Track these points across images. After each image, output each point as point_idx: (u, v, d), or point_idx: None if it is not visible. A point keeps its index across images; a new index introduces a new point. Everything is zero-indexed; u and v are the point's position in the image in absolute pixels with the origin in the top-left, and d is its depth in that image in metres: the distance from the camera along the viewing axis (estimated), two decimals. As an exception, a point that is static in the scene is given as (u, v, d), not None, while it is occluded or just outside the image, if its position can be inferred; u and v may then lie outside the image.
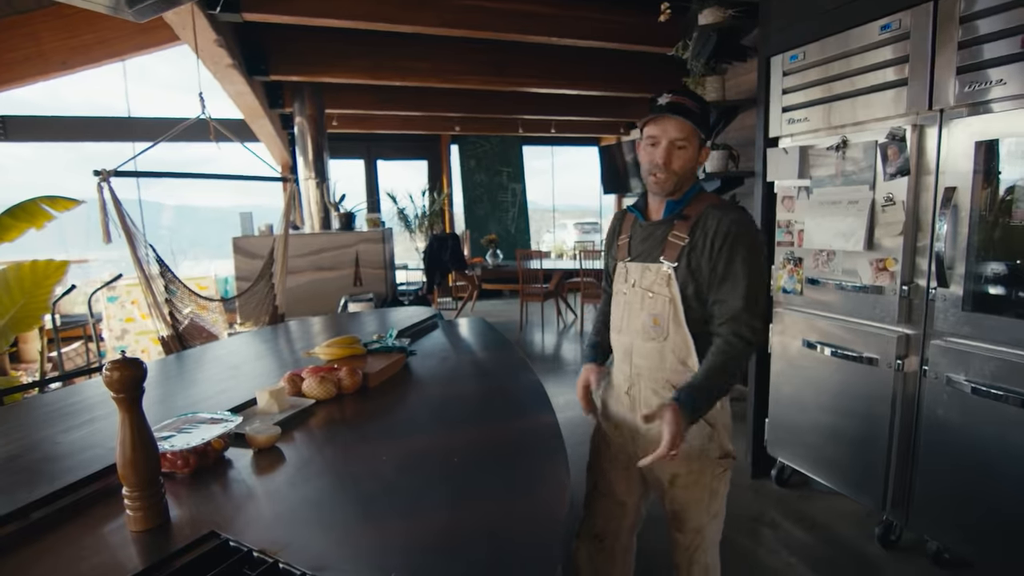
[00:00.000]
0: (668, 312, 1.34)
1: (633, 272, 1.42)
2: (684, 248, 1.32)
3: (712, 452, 1.38)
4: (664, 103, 1.29)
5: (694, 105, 1.29)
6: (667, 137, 1.29)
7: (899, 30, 1.95)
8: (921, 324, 1.99)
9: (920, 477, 2.03)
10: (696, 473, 1.39)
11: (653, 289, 1.37)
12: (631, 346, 1.43)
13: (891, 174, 2.02)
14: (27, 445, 1.30)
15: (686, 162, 1.31)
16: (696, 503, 1.41)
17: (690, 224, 1.33)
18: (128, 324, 5.96)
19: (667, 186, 1.33)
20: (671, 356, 1.36)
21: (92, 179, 2.29)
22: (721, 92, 3.10)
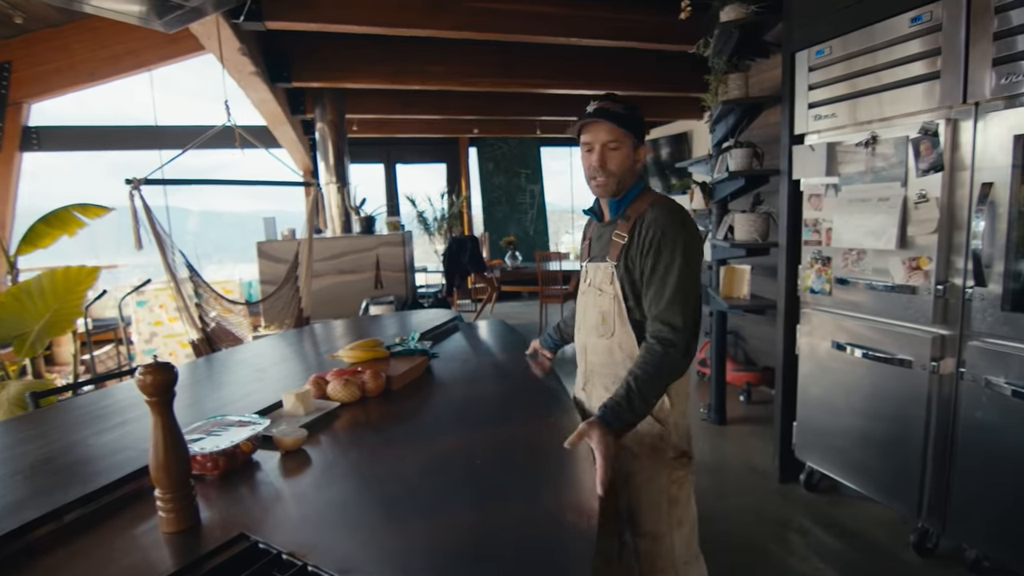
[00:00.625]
0: (613, 309, 1.41)
1: (589, 272, 1.50)
2: (623, 247, 1.39)
3: (666, 452, 1.40)
4: (592, 110, 1.36)
5: (621, 108, 1.36)
6: (599, 141, 1.37)
7: (930, 22, 1.90)
8: (957, 325, 1.93)
9: (958, 482, 1.96)
10: (649, 471, 1.40)
11: (602, 287, 1.44)
12: (586, 344, 1.52)
13: (924, 170, 1.96)
14: (62, 447, 1.33)
15: (621, 162, 1.38)
16: (652, 506, 1.41)
17: (630, 224, 1.39)
18: (156, 327, 6.10)
19: (608, 187, 1.40)
20: (619, 352, 1.42)
21: (121, 187, 2.35)
22: (744, 89, 3.05)
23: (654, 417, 1.38)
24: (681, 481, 1.42)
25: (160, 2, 0.94)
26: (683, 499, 1.43)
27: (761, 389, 4.04)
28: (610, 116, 1.34)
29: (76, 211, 3.66)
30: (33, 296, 2.74)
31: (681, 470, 1.42)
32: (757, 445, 3.19)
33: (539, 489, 1.11)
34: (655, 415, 1.38)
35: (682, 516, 1.43)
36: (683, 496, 1.43)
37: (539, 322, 6.54)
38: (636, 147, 1.40)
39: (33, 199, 6.00)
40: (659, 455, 1.40)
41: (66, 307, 2.83)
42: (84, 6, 1.00)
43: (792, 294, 2.65)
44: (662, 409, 1.38)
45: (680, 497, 1.42)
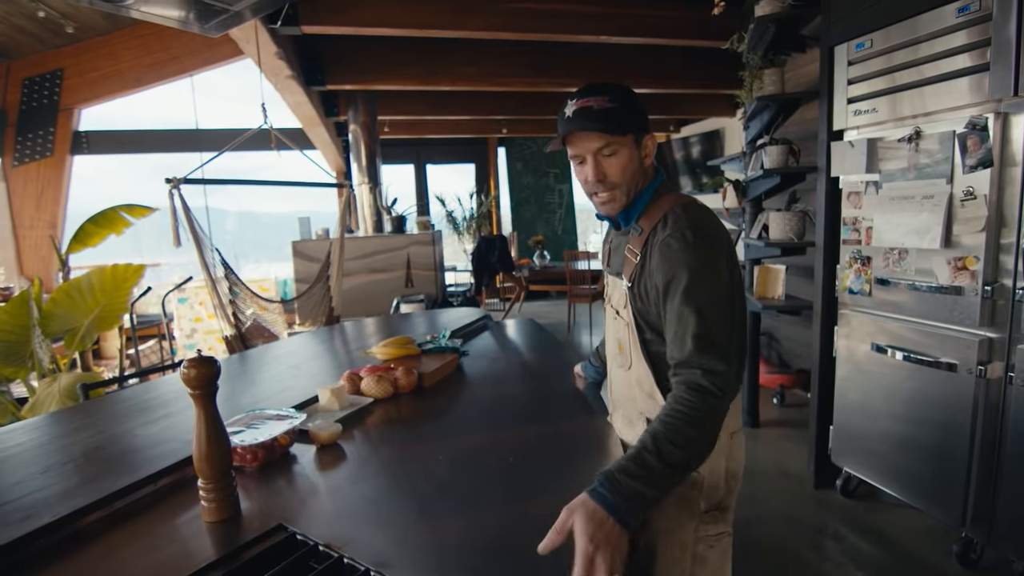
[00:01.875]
0: (628, 339, 1.16)
1: (609, 284, 1.27)
2: (636, 267, 1.12)
3: (696, 502, 1.11)
4: (570, 114, 1.07)
5: (604, 102, 1.05)
6: (589, 150, 1.09)
7: (979, 12, 1.82)
8: (1006, 327, 1.85)
9: (1005, 491, 1.88)
10: (671, 522, 1.12)
11: (618, 309, 1.19)
12: (610, 371, 1.30)
13: (971, 166, 1.89)
14: (110, 437, 1.40)
15: (624, 167, 1.10)
16: (671, 562, 1.12)
17: (643, 238, 1.11)
18: (196, 324, 6.33)
19: (616, 201, 1.13)
20: (637, 387, 1.17)
21: (164, 187, 2.44)
22: (780, 85, 2.98)
23: None
24: (714, 539, 1.13)
25: (202, 7, 0.97)
26: (713, 559, 1.14)
27: (795, 392, 3.95)
28: (594, 120, 1.05)
29: (123, 211, 3.82)
30: (83, 292, 2.88)
31: (715, 526, 1.13)
32: (791, 449, 3.11)
33: (569, 488, 1.11)
34: None
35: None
36: (713, 556, 1.13)
37: (567, 321, 6.52)
38: (640, 140, 1.12)
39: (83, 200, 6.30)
40: (686, 506, 1.11)
41: (114, 303, 2.96)
42: (130, 11, 1.04)
43: (830, 295, 2.58)
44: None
45: (709, 557, 1.13)
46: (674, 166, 7.93)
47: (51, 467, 1.21)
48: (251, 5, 1.02)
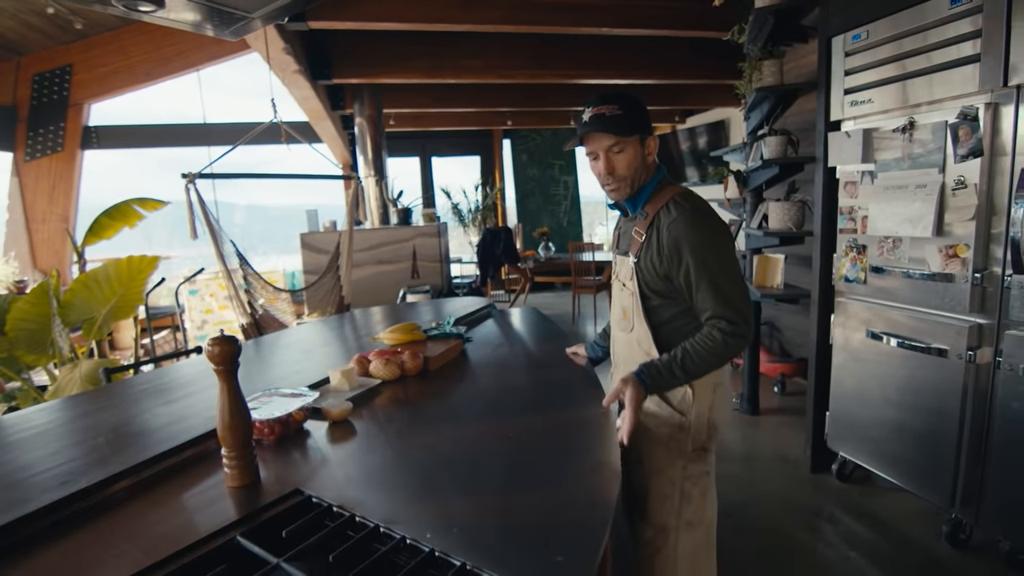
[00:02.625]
0: (632, 305, 1.41)
1: (617, 264, 1.50)
2: (642, 246, 1.37)
3: (683, 444, 1.35)
4: (587, 119, 1.32)
5: (616, 108, 1.30)
6: (602, 148, 1.33)
7: (971, 3, 1.86)
8: (995, 313, 1.90)
9: (992, 474, 1.93)
10: (662, 460, 1.37)
11: (625, 282, 1.44)
12: (614, 336, 1.55)
13: (962, 156, 1.93)
14: (134, 415, 1.49)
15: (630, 163, 1.34)
16: (661, 497, 1.37)
17: (648, 221, 1.36)
18: (207, 315, 6.45)
19: (622, 191, 1.37)
20: (637, 347, 1.42)
21: (172, 181, 2.52)
22: (779, 76, 3.01)
23: (675, 408, 1.36)
24: (697, 478, 1.37)
25: (221, 15, 1.03)
26: (697, 497, 1.37)
27: (796, 380, 4.00)
28: (606, 124, 1.29)
29: (135, 204, 3.92)
30: (100, 283, 2.98)
31: (699, 464, 1.37)
32: (789, 435, 3.18)
33: (568, 465, 1.18)
34: (676, 406, 1.36)
35: (693, 518, 1.37)
36: (697, 494, 1.37)
37: (572, 312, 6.59)
38: (643, 141, 1.35)
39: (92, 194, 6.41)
40: (676, 445, 1.36)
41: (129, 294, 3.06)
42: (148, 17, 1.10)
43: (827, 283, 2.63)
44: (684, 400, 1.35)
45: (693, 494, 1.37)
46: (680, 157, 7.94)
47: (83, 440, 1.30)
48: (268, 13, 1.08)
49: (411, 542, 0.86)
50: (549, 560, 0.81)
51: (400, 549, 0.85)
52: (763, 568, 2.08)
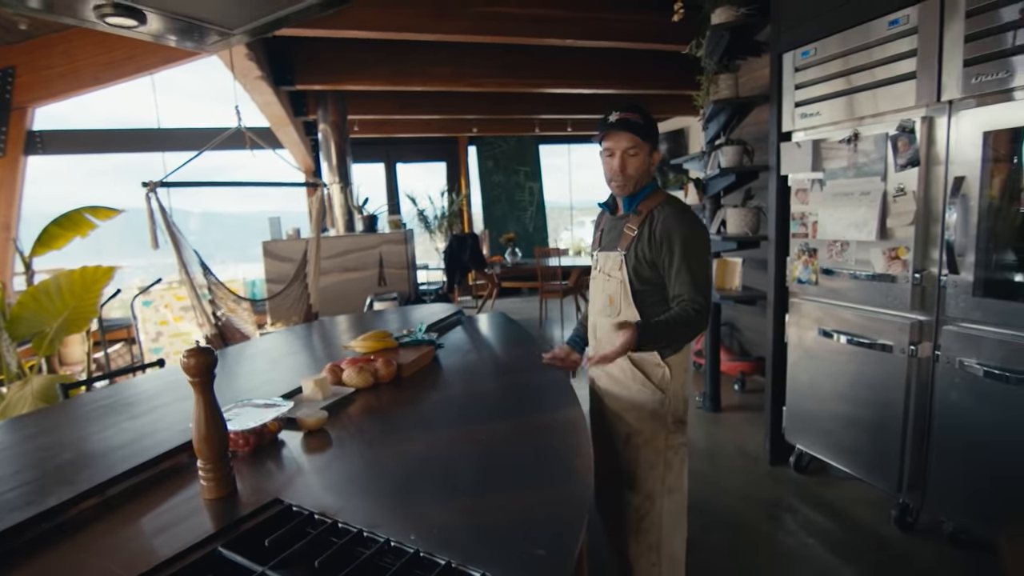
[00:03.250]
0: (620, 292, 1.59)
1: (600, 259, 1.67)
2: (633, 239, 1.56)
3: (665, 417, 1.58)
4: (614, 120, 1.51)
5: (639, 118, 1.51)
6: (620, 148, 1.52)
7: (907, 25, 2.01)
8: (934, 310, 2.04)
9: (935, 460, 2.07)
10: (648, 433, 1.58)
11: (611, 273, 1.61)
12: (595, 322, 1.70)
13: (902, 165, 2.07)
14: (94, 431, 1.44)
15: (639, 167, 1.54)
16: (649, 466, 1.58)
17: (641, 218, 1.56)
18: (162, 327, 6.22)
19: (627, 189, 1.57)
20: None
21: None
22: (734, 89, 3.15)
23: (656, 385, 1.56)
24: (676, 448, 1.59)
25: (201, 30, 1.03)
26: (676, 466, 1.60)
27: (755, 378, 4.16)
28: (631, 126, 1.49)
29: (87, 213, 3.76)
30: (51, 295, 2.85)
31: (677, 436, 1.59)
32: (750, 431, 3.31)
33: (539, 466, 1.22)
34: (657, 383, 1.56)
35: (673, 484, 1.60)
36: (676, 463, 1.60)
37: (539, 316, 6.66)
38: (651, 152, 1.56)
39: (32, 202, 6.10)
40: (659, 420, 1.57)
41: (83, 306, 2.94)
42: (131, 32, 1.09)
43: (781, 285, 2.76)
44: (663, 379, 1.57)
45: (674, 463, 1.59)
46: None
47: (45, 459, 1.26)
48: (249, 30, 1.08)
49: (395, 544, 0.88)
50: (530, 555, 0.84)
51: (385, 551, 0.87)
52: (728, 559, 2.17)
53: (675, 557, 1.62)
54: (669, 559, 1.60)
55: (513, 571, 0.80)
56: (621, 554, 1.65)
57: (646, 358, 1.57)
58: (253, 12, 1.04)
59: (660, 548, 1.58)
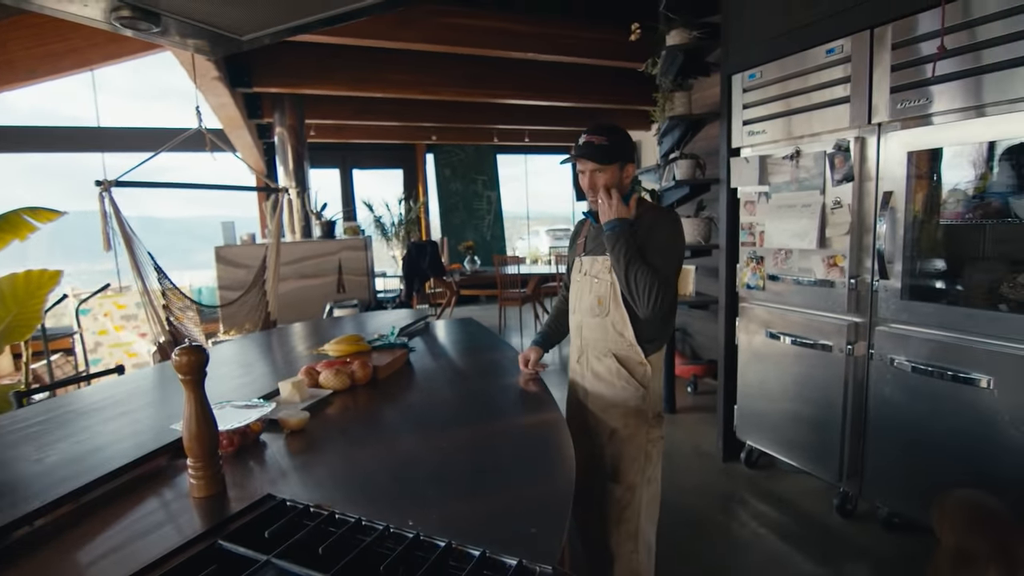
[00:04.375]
0: (608, 293, 1.66)
1: (586, 264, 1.75)
2: None
3: (647, 412, 1.67)
4: (580, 143, 1.62)
5: (603, 139, 1.60)
6: (588, 169, 1.63)
7: (841, 54, 2.21)
8: (867, 313, 2.25)
9: (870, 450, 2.27)
10: (632, 428, 1.66)
11: (599, 276, 1.69)
12: (581, 322, 1.76)
13: (838, 180, 2.28)
14: (57, 439, 1.40)
15: (607, 182, 1.63)
16: (631, 459, 1.66)
17: None
18: (101, 337, 5.90)
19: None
20: (611, 329, 1.67)
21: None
22: (688, 106, 3.35)
23: (639, 382, 1.65)
24: (655, 441, 1.69)
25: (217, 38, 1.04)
26: (654, 458, 1.70)
27: (706, 381, 4.37)
28: (592, 152, 1.59)
29: (27, 215, 3.54)
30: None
31: (657, 429, 1.69)
32: (703, 431, 3.48)
33: (523, 456, 1.28)
34: (640, 380, 1.65)
35: (652, 475, 1.70)
36: (655, 455, 1.70)
37: (498, 324, 6.72)
38: (623, 167, 1.64)
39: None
40: (641, 415, 1.66)
41: (26, 312, 2.78)
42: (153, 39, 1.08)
43: (732, 290, 2.94)
44: (645, 376, 1.65)
45: (653, 455, 1.69)
46: (634, 179, 8.39)
47: (10, 465, 1.22)
48: (255, 38, 1.10)
49: (395, 530, 0.92)
50: (524, 533, 0.91)
51: (385, 538, 0.91)
52: (687, 549, 2.29)
53: (650, 544, 1.72)
54: (646, 546, 1.70)
55: (510, 548, 0.86)
56: (599, 544, 1.73)
57: (630, 356, 1.65)
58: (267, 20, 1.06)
59: (639, 536, 1.67)
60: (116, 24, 0.99)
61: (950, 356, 1.95)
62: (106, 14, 0.95)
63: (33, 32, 5.53)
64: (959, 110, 1.87)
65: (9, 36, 5.60)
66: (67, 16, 0.99)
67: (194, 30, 1.08)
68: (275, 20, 1.09)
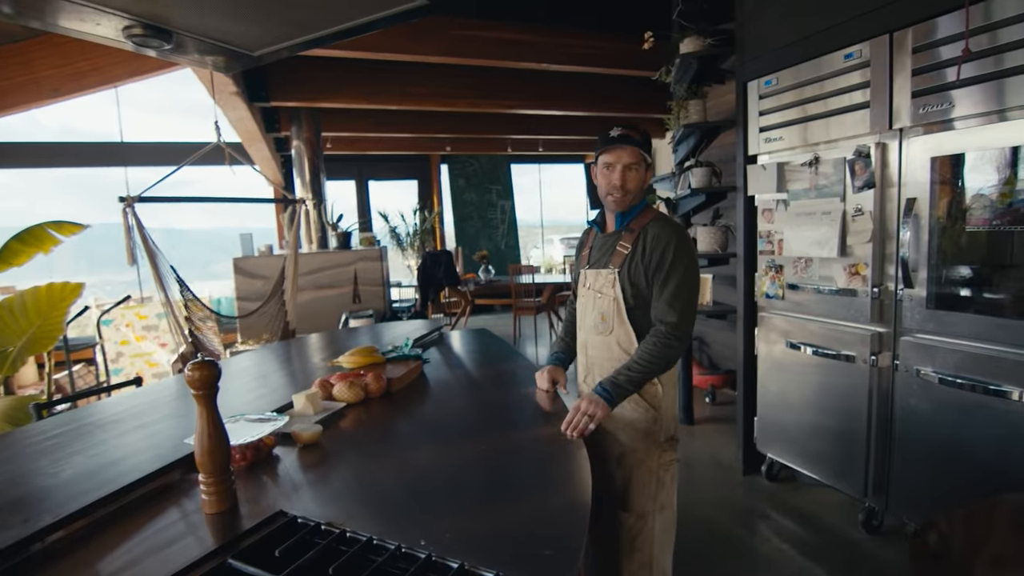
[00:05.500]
0: (612, 310, 1.58)
1: (589, 277, 1.66)
2: (627, 256, 1.56)
3: (658, 435, 1.57)
4: (616, 135, 1.53)
5: (639, 135, 1.54)
6: (621, 162, 1.54)
7: (860, 59, 2.17)
8: (891, 323, 2.18)
9: (897, 464, 2.20)
10: (641, 453, 1.57)
11: (602, 291, 1.61)
12: (586, 340, 1.68)
13: (859, 187, 2.23)
14: (76, 451, 1.41)
15: (638, 182, 1.56)
16: (641, 486, 1.57)
17: (634, 236, 1.56)
18: (123, 347, 6.00)
19: (624, 203, 1.57)
20: (616, 347, 1.60)
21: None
22: (703, 114, 3.32)
23: (649, 403, 1.56)
24: (668, 465, 1.59)
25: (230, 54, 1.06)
26: (668, 483, 1.59)
27: (725, 391, 4.29)
28: (633, 141, 1.52)
29: (51, 228, 3.63)
30: (15, 314, 2.74)
31: (669, 453, 1.59)
32: (722, 442, 3.41)
33: (538, 474, 1.26)
34: (650, 401, 1.56)
35: (665, 502, 1.59)
36: (668, 479, 1.59)
37: (513, 333, 6.70)
38: (647, 169, 1.59)
39: (-15, 216, 5.81)
40: (652, 439, 1.56)
41: (49, 324, 2.83)
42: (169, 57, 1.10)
43: (750, 300, 2.89)
44: (656, 396, 1.56)
45: (666, 480, 1.58)
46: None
47: (28, 479, 1.23)
48: (267, 53, 1.12)
49: (407, 550, 0.90)
50: (538, 555, 0.88)
51: (397, 558, 0.90)
52: (707, 566, 2.23)
53: (666, 572, 1.63)
54: (661, 574, 1.61)
55: (524, 571, 0.84)
56: (611, 573, 1.64)
57: None
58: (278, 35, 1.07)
59: (652, 565, 1.58)
60: (129, 42, 1.01)
61: (979, 367, 1.89)
62: (118, 32, 0.96)
63: (58, 51, 5.69)
64: (982, 114, 1.82)
65: (35, 55, 5.78)
66: (82, 35, 1.01)
67: (206, 47, 1.10)
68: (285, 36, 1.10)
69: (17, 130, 11.07)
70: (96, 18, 0.89)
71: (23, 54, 5.80)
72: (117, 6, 0.87)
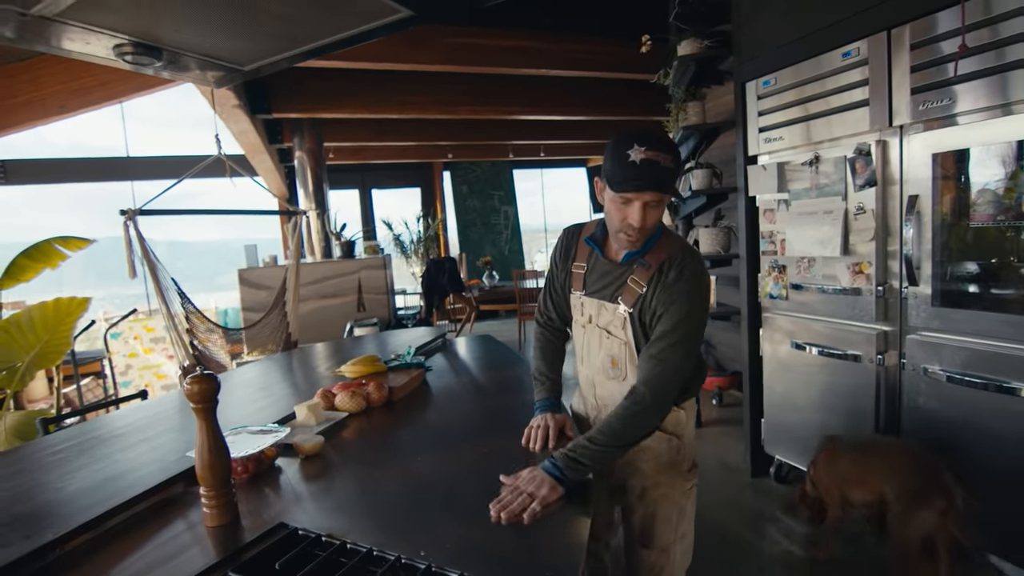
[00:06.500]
0: (625, 355, 1.35)
1: (589, 307, 1.40)
2: (642, 296, 1.29)
3: (682, 465, 1.42)
4: (638, 162, 1.12)
5: (669, 161, 1.15)
6: (641, 199, 1.18)
7: (858, 56, 2.16)
8: (897, 321, 2.16)
9: (906, 464, 2.17)
10: (666, 487, 1.41)
11: (610, 330, 1.36)
12: (594, 380, 1.47)
13: (860, 185, 2.21)
14: (81, 465, 1.42)
15: (657, 217, 1.24)
16: (665, 520, 1.42)
17: (651, 273, 1.28)
18: (131, 360, 6.04)
19: (638, 244, 1.27)
20: None
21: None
22: (702, 116, 3.32)
23: (671, 432, 1.40)
24: (689, 492, 1.46)
25: (221, 68, 1.07)
26: (688, 511, 1.47)
27: (731, 393, 4.26)
28: (661, 178, 1.15)
29: (58, 244, 3.67)
30: (23, 329, 2.77)
31: (691, 480, 1.45)
32: (730, 444, 3.39)
33: (538, 475, 1.25)
34: (672, 430, 1.39)
35: (686, 530, 1.48)
36: (689, 507, 1.47)
37: (518, 338, 6.69)
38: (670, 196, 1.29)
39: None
40: (675, 469, 1.41)
41: (56, 338, 2.86)
42: (158, 72, 1.11)
43: (754, 301, 2.87)
44: (679, 423, 1.40)
45: (687, 509, 1.46)
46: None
47: (31, 495, 1.23)
48: (258, 67, 1.13)
49: (407, 561, 0.90)
50: (537, 569, 0.88)
51: (397, 569, 0.89)
52: (717, 569, 2.21)
53: None
54: None
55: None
56: None
57: None
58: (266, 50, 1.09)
59: None
60: (120, 60, 1.02)
61: (988, 365, 1.87)
62: (109, 51, 0.98)
63: (64, 68, 5.76)
64: (984, 109, 1.80)
65: (41, 73, 5.86)
66: (74, 55, 1.02)
67: (197, 62, 1.11)
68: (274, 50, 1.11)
69: (25, 147, 11.22)
70: (85, 37, 0.90)
71: (30, 71, 5.88)
72: (105, 25, 0.88)
